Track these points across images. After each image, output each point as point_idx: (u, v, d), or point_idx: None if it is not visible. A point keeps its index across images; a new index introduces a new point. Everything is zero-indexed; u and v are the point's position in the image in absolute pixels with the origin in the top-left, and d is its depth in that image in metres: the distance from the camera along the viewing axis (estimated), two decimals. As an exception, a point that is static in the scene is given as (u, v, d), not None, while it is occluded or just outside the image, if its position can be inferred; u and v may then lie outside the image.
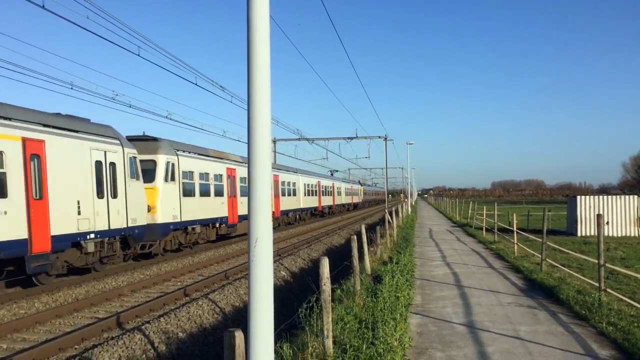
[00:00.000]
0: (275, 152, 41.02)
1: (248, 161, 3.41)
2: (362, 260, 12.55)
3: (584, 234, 26.69)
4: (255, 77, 3.41)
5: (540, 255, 14.65)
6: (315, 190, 47.15)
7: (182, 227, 21.53)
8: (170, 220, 20.43)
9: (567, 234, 27.83)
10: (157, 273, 17.89)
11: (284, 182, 35.37)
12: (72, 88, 16.19)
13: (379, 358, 6.24)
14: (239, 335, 3.23)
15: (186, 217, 21.59)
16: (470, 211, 38.02)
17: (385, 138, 42.46)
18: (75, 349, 9.51)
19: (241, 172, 27.85)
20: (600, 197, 27.51)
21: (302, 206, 41.57)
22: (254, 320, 3.28)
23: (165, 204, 20.17)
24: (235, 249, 24.32)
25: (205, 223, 23.79)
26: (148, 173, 19.58)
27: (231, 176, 26.48)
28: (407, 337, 7.60)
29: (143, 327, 10.08)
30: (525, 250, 18.05)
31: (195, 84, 19.88)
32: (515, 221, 19.52)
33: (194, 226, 22.63)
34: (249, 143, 3.40)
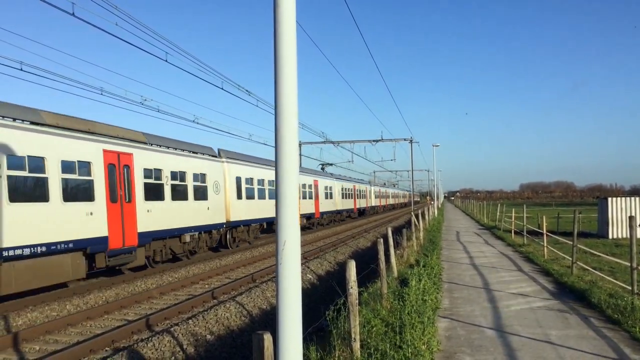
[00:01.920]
0: (300, 155, 41.23)
1: (275, 166, 3.44)
2: (389, 263, 12.50)
3: (615, 236, 26.14)
4: (282, 83, 3.43)
5: (570, 258, 14.40)
6: (395, 196, 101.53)
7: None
8: None
9: (598, 237, 27.27)
10: (185, 276, 18.08)
11: (390, 192, 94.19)
12: (101, 94, 16.50)
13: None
14: (267, 338, 3.25)
15: None
16: (498, 213, 37.56)
17: (411, 140, 42.20)
18: (106, 350, 9.66)
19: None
20: (632, 198, 26.92)
21: (390, 203, 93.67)
22: (282, 322, 3.30)
23: None
24: (261, 252, 24.43)
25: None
26: None
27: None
28: (435, 341, 7.54)
29: (172, 329, 10.20)
30: (555, 253, 17.75)
31: (222, 89, 20.09)
32: (544, 223, 19.22)
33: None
34: (276, 148, 3.42)
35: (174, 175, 19.60)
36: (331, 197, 43.10)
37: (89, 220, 14.94)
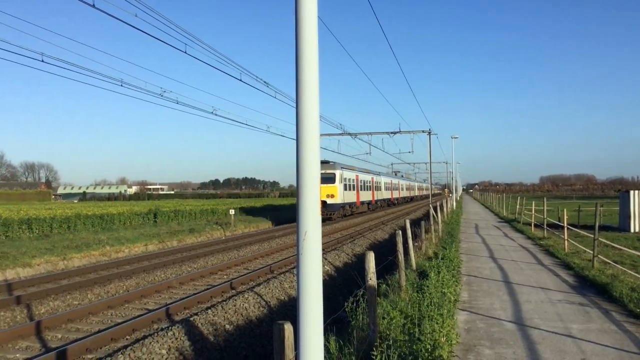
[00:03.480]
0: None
1: (297, 157, 3.43)
2: (407, 255, 12.47)
3: (637, 230, 25.75)
4: (304, 76, 3.41)
5: (591, 252, 14.23)
6: (427, 189, 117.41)
7: (346, 204, 43.52)
8: (343, 201, 41.98)
9: (620, 230, 26.88)
10: (204, 266, 18.23)
11: (424, 186, 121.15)
12: (122, 85, 16.59)
13: (425, 354, 6.19)
14: (288, 327, 3.26)
15: (346, 200, 43.29)
16: (517, 206, 37.22)
17: (429, 132, 41.84)
18: (127, 339, 9.79)
19: (361, 177, 49.39)
20: (656, 191, 26.46)
21: (424, 194, 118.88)
22: (303, 312, 3.30)
23: (342, 193, 41.17)
24: (279, 244, 24.53)
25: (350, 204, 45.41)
26: (331, 178, 39.62)
27: (357, 179, 47.50)
28: (454, 333, 7.50)
29: (191, 318, 10.29)
30: (576, 246, 17.56)
31: (240, 80, 20.04)
32: (565, 216, 19.01)
33: (350, 203, 44.84)
34: (297, 139, 3.42)
35: (363, 182, 49.38)
36: (402, 190, 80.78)
37: (353, 195, 45.17)
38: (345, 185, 42.27)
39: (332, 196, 39.13)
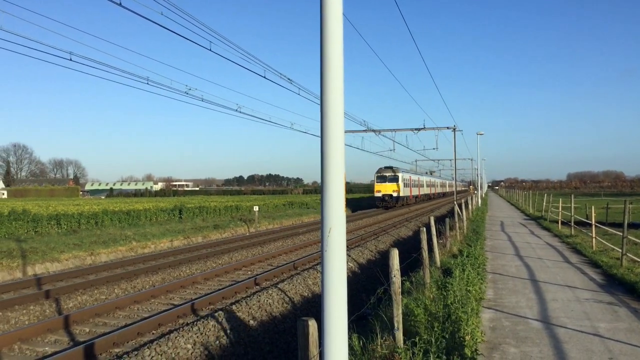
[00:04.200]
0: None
1: (321, 153, 3.43)
2: (431, 253, 12.39)
3: (668, 228, 25.18)
4: (329, 75, 3.41)
5: (620, 250, 13.97)
6: (452, 185, 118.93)
7: (404, 197, 58.33)
8: (403, 195, 57.47)
9: (650, 228, 26.33)
10: (228, 262, 18.37)
11: (454, 183, 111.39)
12: (148, 83, 16.76)
13: (450, 352, 6.15)
14: (312, 324, 3.27)
15: (404, 194, 58.32)
16: (544, 203, 36.70)
17: (454, 129, 41.45)
18: (153, 333, 9.93)
19: (412, 177, 65.93)
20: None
21: (454, 190, 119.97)
22: (327, 309, 3.31)
23: (402, 189, 56.89)
24: (303, 240, 24.59)
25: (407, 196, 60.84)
26: (395, 179, 56.35)
27: (410, 179, 63.27)
28: (479, 331, 7.43)
29: (216, 314, 10.38)
30: (604, 244, 17.25)
31: (264, 77, 20.08)
32: (593, 214, 18.69)
33: (406, 196, 59.88)
34: (322, 136, 3.42)
35: (413, 181, 65.31)
36: (437, 187, 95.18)
37: (407, 191, 60.36)
38: (403, 183, 58.02)
39: (396, 191, 56.25)
